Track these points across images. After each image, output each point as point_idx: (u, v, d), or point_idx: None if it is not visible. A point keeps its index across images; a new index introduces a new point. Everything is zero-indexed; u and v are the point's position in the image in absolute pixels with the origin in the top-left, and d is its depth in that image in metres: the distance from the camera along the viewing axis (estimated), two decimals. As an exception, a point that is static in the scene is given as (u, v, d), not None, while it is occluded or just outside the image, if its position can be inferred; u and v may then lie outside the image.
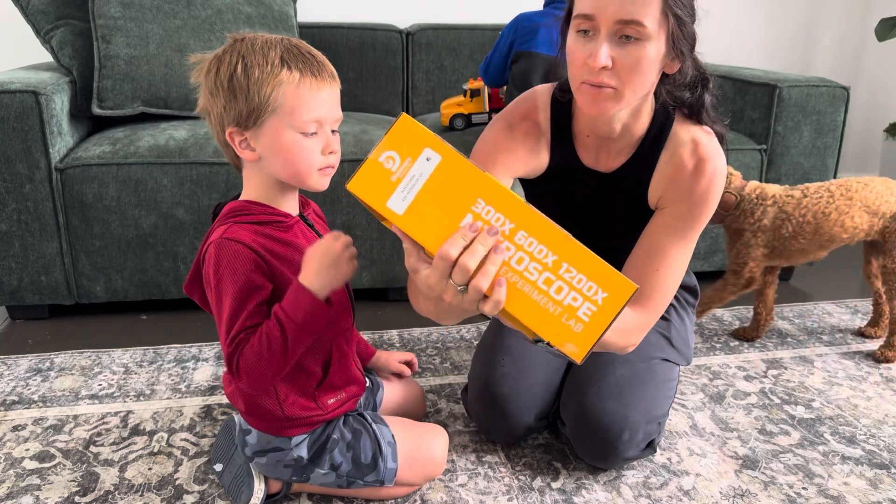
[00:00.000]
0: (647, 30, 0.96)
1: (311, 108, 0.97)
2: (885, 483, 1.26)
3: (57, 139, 1.74)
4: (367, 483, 1.14)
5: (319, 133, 1.00)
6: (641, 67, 0.99)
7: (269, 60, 0.96)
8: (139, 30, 1.94)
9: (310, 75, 0.97)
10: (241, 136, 0.99)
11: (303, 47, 1.00)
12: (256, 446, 1.12)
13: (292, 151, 0.98)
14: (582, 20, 0.98)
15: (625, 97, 1.01)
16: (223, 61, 0.98)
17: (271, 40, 0.99)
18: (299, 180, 1.02)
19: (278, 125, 0.97)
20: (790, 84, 2.03)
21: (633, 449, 1.22)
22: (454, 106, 2.10)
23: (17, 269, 1.78)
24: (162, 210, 1.78)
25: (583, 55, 0.99)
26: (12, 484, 1.22)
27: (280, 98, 0.96)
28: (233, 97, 0.97)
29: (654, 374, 1.26)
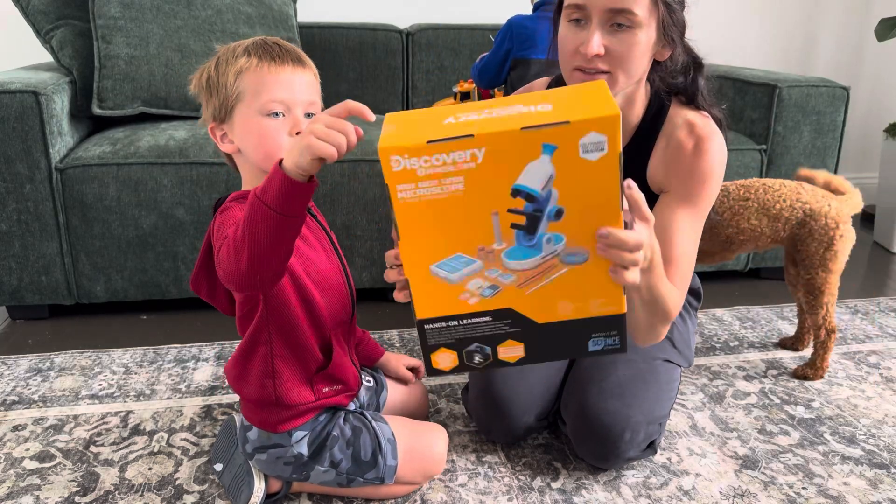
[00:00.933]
0: (638, 17, 0.99)
1: (272, 90, 1.00)
2: (885, 483, 1.26)
3: (57, 139, 1.74)
4: (366, 480, 1.14)
5: (287, 115, 1.02)
6: (633, 54, 1.02)
7: (235, 54, 1.02)
8: (139, 30, 1.94)
9: (268, 59, 1.01)
10: (220, 130, 1.05)
11: (271, 40, 1.04)
12: (257, 442, 1.12)
13: (259, 134, 1.01)
14: (574, 9, 1.02)
15: (618, 82, 1.05)
16: (205, 67, 1.05)
17: (248, 41, 1.04)
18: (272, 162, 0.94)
19: (246, 111, 1.02)
20: (790, 84, 2.03)
21: (634, 449, 1.22)
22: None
23: (18, 269, 1.78)
24: (162, 210, 1.78)
25: (575, 43, 1.03)
26: (12, 484, 1.22)
27: (242, 84, 1.01)
28: (209, 95, 1.04)
29: (656, 374, 1.26)
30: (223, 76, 1.02)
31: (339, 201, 1.85)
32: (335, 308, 1.13)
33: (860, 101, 3.04)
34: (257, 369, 1.10)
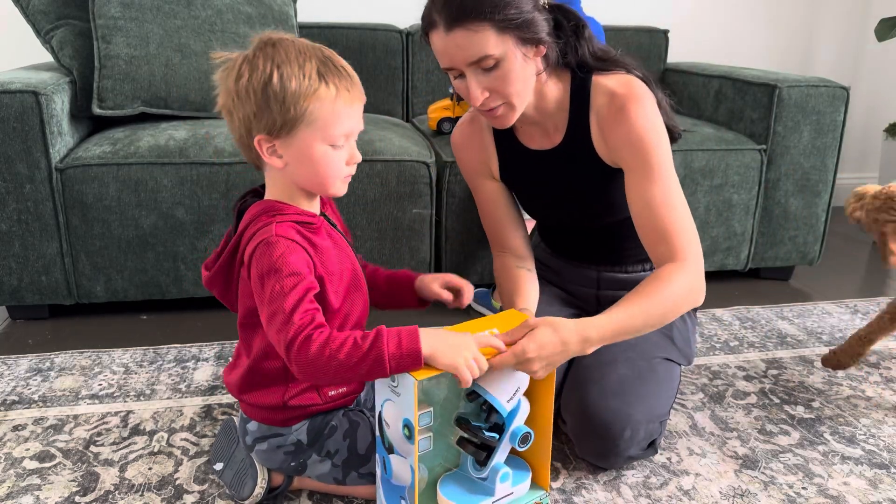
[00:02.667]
0: (496, 55, 1.08)
1: (344, 124, 1.00)
2: (884, 483, 1.26)
3: (57, 139, 1.74)
4: (361, 476, 1.15)
5: (345, 145, 1.02)
6: (512, 81, 1.11)
7: (307, 74, 0.96)
8: (139, 30, 1.94)
9: (345, 91, 0.98)
10: (269, 143, 0.99)
11: (336, 60, 1.00)
12: (257, 433, 1.13)
13: (321, 163, 1.00)
14: (448, 69, 1.13)
15: (516, 106, 1.15)
16: (256, 66, 0.96)
17: (305, 49, 0.98)
18: (322, 189, 1.05)
19: (310, 138, 0.98)
20: (790, 84, 2.03)
21: (635, 447, 1.22)
22: (441, 110, 2.11)
23: (18, 269, 1.78)
24: (162, 210, 1.78)
25: (465, 93, 1.14)
26: (12, 484, 1.22)
27: (316, 112, 0.97)
28: (266, 106, 0.96)
29: (655, 373, 1.27)
30: (294, 97, 0.95)
31: (340, 201, 1.85)
32: (357, 313, 1.13)
33: (860, 101, 3.04)
34: (267, 382, 1.10)
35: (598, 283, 1.42)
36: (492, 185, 1.38)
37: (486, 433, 1.06)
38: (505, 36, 1.07)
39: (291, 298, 0.95)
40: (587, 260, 1.42)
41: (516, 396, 1.05)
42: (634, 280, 1.38)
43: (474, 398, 1.06)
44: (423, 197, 1.89)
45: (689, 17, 2.83)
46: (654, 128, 1.16)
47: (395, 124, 2.15)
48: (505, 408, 1.04)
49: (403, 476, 1.02)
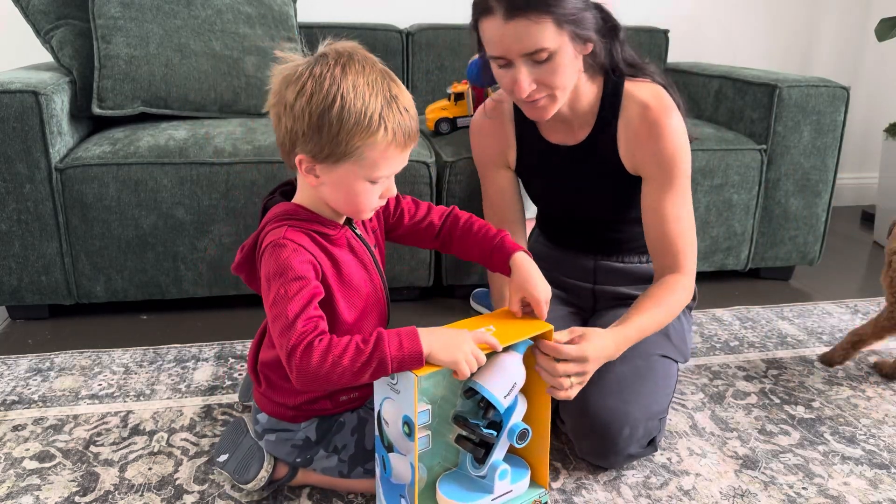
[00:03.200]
0: (552, 48, 1.08)
1: (393, 165, 0.99)
2: (885, 483, 1.26)
3: (57, 139, 1.74)
4: (366, 471, 1.15)
5: (386, 180, 1.01)
6: (560, 75, 1.12)
7: (369, 113, 0.93)
8: (139, 30, 1.94)
9: (402, 137, 0.96)
10: (310, 163, 0.97)
11: (401, 101, 0.96)
12: (267, 425, 1.15)
13: (358, 195, 0.99)
14: (497, 58, 1.12)
15: (558, 98, 1.16)
16: (320, 87, 0.92)
17: (374, 82, 0.94)
18: (349, 213, 1.05)
19: (354, 172, 0.97)
20: (790, 84, 2.03)
21: (634, 445, 1.23)
22: (439, 110, 2.11)
23: (17, 269, 1.78)
24: (162, 210, 1.78)
25: (509, 83, 1.14)
26: (12, 484, 1.22)
27: (367, 153, 0.95)
28: (318, 132, 0.93)
29: (653, 370, 1.27)
30: (349, 134, 0.93)
31: (339, 201, 1.85)
32: (373, 322, 1.12)
33: (860, 101, 3.04)
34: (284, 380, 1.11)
35: (595, 274, 1.42)
36: (504, 175, 1.39)
37: (484, 430, 1.06)
38: (562, 30, 1.08)
39: (295, 304, 0.94)
40: (586, 249, 1.43)
41: (513, 392, 1.05)
42: (630, 270, 1.39)
43: (471, 395, 1.06)
44: (423, 197, 1.89)
45: (689, 17, 2.82)
46: (683, 146, 1.21)
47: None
48: (502, 403, 1.04)
49: (403, 474, 1.02)
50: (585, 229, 1.41)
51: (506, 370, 1.04)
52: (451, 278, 2.01)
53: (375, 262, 1.12)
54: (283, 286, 0.95)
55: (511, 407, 1.07)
